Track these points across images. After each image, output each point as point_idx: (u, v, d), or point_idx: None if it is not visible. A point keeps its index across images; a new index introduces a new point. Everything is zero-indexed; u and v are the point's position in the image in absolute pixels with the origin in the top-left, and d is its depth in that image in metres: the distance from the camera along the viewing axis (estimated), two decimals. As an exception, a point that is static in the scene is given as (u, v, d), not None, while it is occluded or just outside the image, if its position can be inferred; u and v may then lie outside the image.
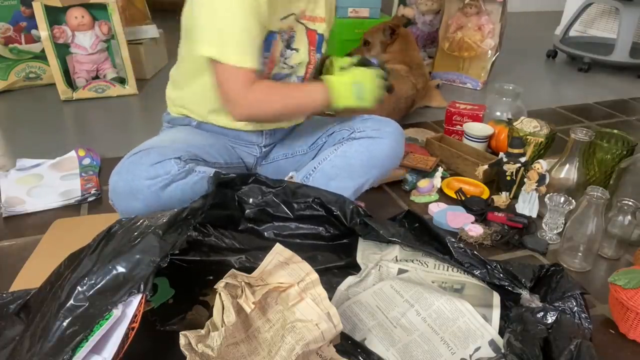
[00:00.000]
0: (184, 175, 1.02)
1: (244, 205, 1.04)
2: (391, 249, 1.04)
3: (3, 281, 1.06)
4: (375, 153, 1.15)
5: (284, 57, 1.16)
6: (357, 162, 1.15)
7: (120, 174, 1.02)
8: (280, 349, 0.75)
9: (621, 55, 2.65)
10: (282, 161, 1.29)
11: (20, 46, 2.20)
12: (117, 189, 1.02)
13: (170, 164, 1.01)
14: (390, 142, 1.17)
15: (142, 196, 1.00)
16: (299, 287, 0.80)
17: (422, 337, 0.88)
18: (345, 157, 1.15)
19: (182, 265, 1.01)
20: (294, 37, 1.14)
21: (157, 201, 1.00)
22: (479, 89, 2.42)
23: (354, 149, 1.15)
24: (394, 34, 2.16)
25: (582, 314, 0.87)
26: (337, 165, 1.15)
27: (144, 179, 0.99)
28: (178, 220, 0.84)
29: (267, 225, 1.06)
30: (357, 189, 1.18)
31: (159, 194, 1.00)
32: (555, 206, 1.22)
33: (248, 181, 1.04)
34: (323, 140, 1.25)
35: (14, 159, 1.58)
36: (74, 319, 0.69)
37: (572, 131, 1.30)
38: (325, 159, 1.17)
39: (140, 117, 2.04)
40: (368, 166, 1.16)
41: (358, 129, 1.18)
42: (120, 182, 1.01)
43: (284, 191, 1.04)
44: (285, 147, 1.29)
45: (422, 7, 2.62)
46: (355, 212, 1.02)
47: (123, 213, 1.06)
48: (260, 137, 1.25)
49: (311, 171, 1.17)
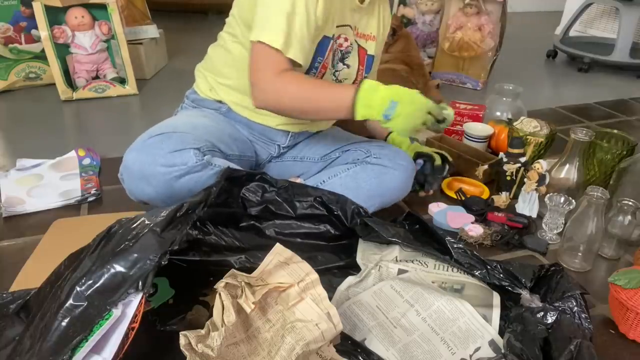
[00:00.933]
0: (200, 168, 1.01)
1: (247, 203, 1.04)
2: (391, 250, 1.04)
3: (3, 281, 1.06)
4: (385, 183, 1.16)
5: (335, 70, 1.17)
6: (366, 186, 1.15)
7: (139, 152, 1.00)
8: (280, 349, 0.75)
9: (621, 55, 2.65)
10: (290, 162, 1.29)
11: (20, 46, 2.20)
12: (132, 168, 1.01)
13: (189, 154, 0.99)
14: (402, 175, 1.18)
15: (155, 182, 0.99)
16: (299, 287, 0.80)
17: (422, 337, 0.88)
18: (356, 180, 1.16)
19: (182, 265, 1.01)
20: (350, 53, 1.16)
21: (169, 190, 0.99)
22: (479, 89, 2.42)
23: (366, 174, 1.16)
24: (396, 34, 2.16)
25: (582, 314, 0.87)
26: (345, 185, 1.15)
27: (160, 165, 0.98)
28: (177, 216, 0.83)
29: (269, 223, 1.06)
30: None
31: (172, 183, 0.99)
32: (555, 206, 1.22)
33: (254, 178, 1.04)
34: (336, 155, 1.25)
35: (14, 159, 1.58)
36: (73, 319, 0.69)
37: (572, 131, 1.30)
38: (336, 175, 1.17)
39: (141, 117, 2.04)
40: (375, 193, 1.17)
41: (374, 154, 1.18)
42: (136, 162, 1.00)
43: (287, 190, 1.04)
44: (297, 150, 1.30)
45: (422, 7, 2.62)
46: (355, 213, 1.02)
47: (132, 193, 1.05)
48: (285, 138, 1.25)
49: (319, 184, 1.17)
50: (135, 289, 0.71)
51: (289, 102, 1.04)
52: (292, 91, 1.03)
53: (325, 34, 1.09)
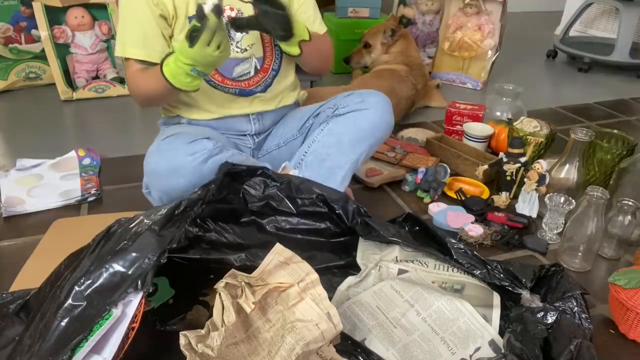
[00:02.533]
0: (218, 150, 1.04)
1: (248, 198, 1.04)
2: (391, 250, 1.04)
3: (3, 281, 1.06)
4: (362, 125, 1.14)
5: (235, 41, 1.16)
6: (346, 137, 1.14)
7: (160, 152, 1.03)
8: (280, 349, 0.75)
9: (621, 55, 2.65)
10: (275, 152, 1.29)
11: (20, 46, 2.20)
12: (159, 168, 1.03)
13: (204, 142, 1.03)
14: (377, 111, 1.15)
15: (185, 171, 1.01)
16: (299, 287, 0.80)
17: (422, 337, 0.88)
18: (333, 135, 1.14)
19: (182, 265, 1.01)
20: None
21: (200, 176, 1.00)
22: (479, 89, 2.41)
23: (340, 124, 1.14)
24: (395, 34, 2.16)
25: (582, 314, 0.87)
26: (326, 144, 1.14)
27: (184, 154, 1.01)
28: (176, 214, 0.84)
29: (269, 218, 1.06)
30: (351, 165, 1.16)
31: (200, 168, 1.01)
32: (555, 206, 1.22)
33: (256, 174, 1.04)
34: (310, 122, 1.25)
35: (14, 159, 1.58)
36: (72, 319, 0.69)
37: (572, 131, 1.30)
38: (314, 141, 1.16)
39: (140, 117, 2.04)
40: (357, 139, 1.14)
41: (341, 105, 1.17)
42: (161, 160, 1.02)
43: (289, 186, 1.04)
44: (277, 137, 1.30)
45: (422, 7, 2.62)
46: (356, 212, 1.02)
47: (164, 193, 1.06)
48: (249, 124, 1.25)
49: (302, 156, 1.16)
50: (135, 288, 0.71)
51: (142, 94, 1.13)
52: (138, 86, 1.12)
53: (189, 15, 1.10)
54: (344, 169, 1.14)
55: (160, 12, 1.08)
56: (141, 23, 1.08)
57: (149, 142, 1.13)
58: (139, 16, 1.08)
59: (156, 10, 1.08)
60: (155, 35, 1.09)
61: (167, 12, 1.09)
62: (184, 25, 1.11)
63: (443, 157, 1.60)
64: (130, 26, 1.10)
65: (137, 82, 1.12)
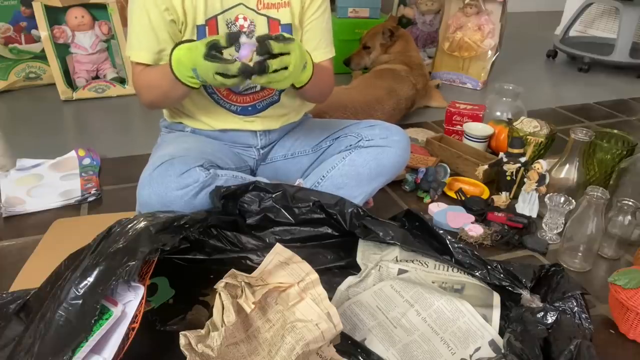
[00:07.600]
0: (210, 181, 1.03)
1: (245, 214, 1.05)
2: (391, 250, 1.04)
3: (3, 281, 1.06)
4: (383, 162, 1.16)
5: None
6: (365, 171, 1.15)
7: (152, 186, 1.01)
8: (280, 349, 0.75)
9: (621, 55, 2.65)
10: (280, 162, 1.28)
11: (20, 46, 2.20)
12: (151, 202, 1.01)
13: (197, 172, 1.02)
14: (398, 150, 1.17)
15: (176, 206, 1.00)
16: (299, 287, 0.80)
17: (422, 337, 0.88)
18: (354, 166, 1.15)
19: (182, 265, 1.01)
20: (255, 31, 1.12)
21: (192, 208, 1.00)
22: (479, 89, 2.42)
23: (363, 158, 1.15)
24: (393, 35, 2.16)
25: (582, 314, 0.87)
26: (345, 174, 1.15)
27: (175, 189, 1.00)
28: (174, 225, 0.85)
29: (268, 231, 1.07)
30: (364, 197, 1.18)
31: (191, 202, 1.00)
32: (555, 206, 1.22)
33: (248, 189, 1.04)
34: (328, 144, 1.24)
35: (14, 159, 1.58)
36: (72, 319, 0.69)
37: (572, 131, 1.30)
38: (334, 167, 1.17)
39: (140, 117, 2.04)
40: (376, 175, 1.16)
41: (366, 137, 1.18)
42: (153, 195, 1.01)
43: (284, 196, 1.05)
44: (285, 148, 1.28)
45: (422, 7, 2.62)
46: (354, 216, 1.02)
47: None
48: (255, 139, 1.24)
49: (320, 179, 1.17)
50: (122, 278, 0.72)
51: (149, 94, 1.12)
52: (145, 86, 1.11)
53: (197, 23, 1.08)
54: (356, 200, 1.15)
55: (170, 17, 1.07)
56: (152, 28, 1.07)
57: (149, 142, 1.13)
58: (149, 20, 1.06)
59: (167, 16, 1.06)
60: (165, 40, 1.08)
61: (177, 17, 1.07)
62: (192, 33, 1.10)
63: (443, 157, 1.60)
64: (140, 31, 1.08)
65: (142, 76, 1.11)
